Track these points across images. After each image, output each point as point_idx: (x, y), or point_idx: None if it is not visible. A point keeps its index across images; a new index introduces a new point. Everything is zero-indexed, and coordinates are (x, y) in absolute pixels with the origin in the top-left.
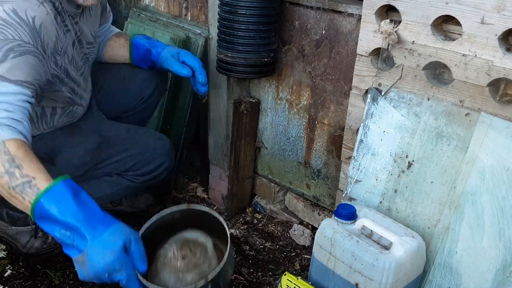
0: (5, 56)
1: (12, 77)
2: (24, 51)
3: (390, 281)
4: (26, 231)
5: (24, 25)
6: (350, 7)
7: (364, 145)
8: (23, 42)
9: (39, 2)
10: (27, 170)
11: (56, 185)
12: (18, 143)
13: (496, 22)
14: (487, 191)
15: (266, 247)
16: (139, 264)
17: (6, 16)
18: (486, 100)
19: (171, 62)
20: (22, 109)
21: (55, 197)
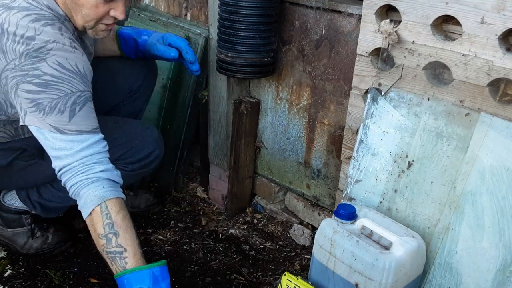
0: (72, 111)
1: (87, 128)
2: (85, 100)
3: (390, 281)
4: (23, 232)
5: (74, 75)
6: (350, 7)
7: (364, 145)
8: (81, 92)
9: (72, 47)
10: (122, 239)
11: (142, 271)
12: (118, 205)
13: (496, 22)
14: (487, 191)
15: (266, 247)
16: None
17: (56, 73)
18: (486, 100)
19: (157, 46)
20: (107, 154)
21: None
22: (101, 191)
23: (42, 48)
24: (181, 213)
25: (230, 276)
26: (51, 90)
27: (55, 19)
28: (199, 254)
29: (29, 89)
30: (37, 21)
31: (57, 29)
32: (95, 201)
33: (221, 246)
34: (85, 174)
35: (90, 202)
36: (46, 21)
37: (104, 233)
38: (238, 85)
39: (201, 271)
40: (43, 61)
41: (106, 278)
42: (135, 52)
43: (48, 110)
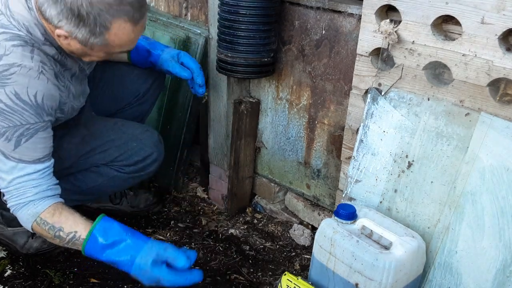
0: (18, 142)
1: (30, 158)
2: (34, 132)
3: (390, 281)
4: (23, 231)
5: (28, 107)
6: (350, 7)
7: (364, 145)
8: (31, 124)
9: (39, 72)
10: (68, 228)
11: (91, 236)
12: (51, 210)
13: (496, 22)
14: (487, 191)
15: (266, 247)
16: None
17: (10, 102)
18: (486, 100)
19: (172, 64)
20: (46, 177)
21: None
22: (33, 209)
23: (5, 72)
24: (181, 213)
25: (230, 276)
26: (2, 119)
27: (29, 42)
28: (199, 254)
29: None
30: (10, 40)
31: (28, 51)
32: (31, 219)
33: (221, 246)
34: (19, 199)
35: (27, 221)
36: (19, 41)
37: (52, 235)
38: (238, 85)
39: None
40: (1, 87)
41: (106, 278)
42: (145, 62)
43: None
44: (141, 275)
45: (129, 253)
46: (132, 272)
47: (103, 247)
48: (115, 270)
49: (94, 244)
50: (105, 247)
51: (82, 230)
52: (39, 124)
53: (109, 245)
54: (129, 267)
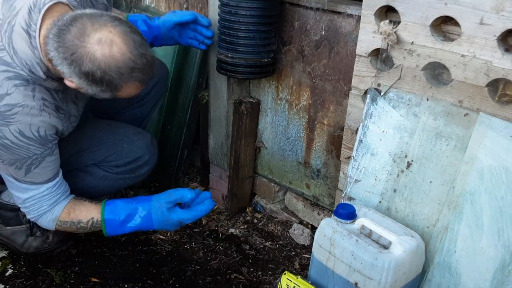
0: (28, 170)
1: (41, 180)
2: (41, 159)
3: (389, 280)
4: (21, 230)
5: (33, 142)
6: (349, 7)
7: (364, 145)
8: (38, 155)
9: (40, 110)
10: (85, 218)
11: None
12: (66, 211)
13: (495, 23)
14: (486, 191)
15: (266, 246)
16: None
17: (15, 140)
18: (485, 100)
19: (173, 15)
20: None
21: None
22: (51, 216)
23: (8, 112)
24: None
25: (230, 275)
26: (10, 153)
27: (31, 81)
28: (199, 253)
29: None
30: (12, 79)
31: (30, 90)
32: (51, 223)
33: (221, 245)
34: (36, 212)
35: (49, 225)
36: (21, 81)
37: (75, 228)
38: (238, 85)
39: (201, 271)
40: (6, 126)
41: (107, 278)
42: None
43: (7, 163)
44: (165, 225)
45: (144, 216)
46: (155, 227)
47: (120, 224)
48: (116, 270)
49: (112, 225)
50: (122, 223)
51: (97, 214)
52: (45, 152)
53: (125, 220)
54: (151, 226)
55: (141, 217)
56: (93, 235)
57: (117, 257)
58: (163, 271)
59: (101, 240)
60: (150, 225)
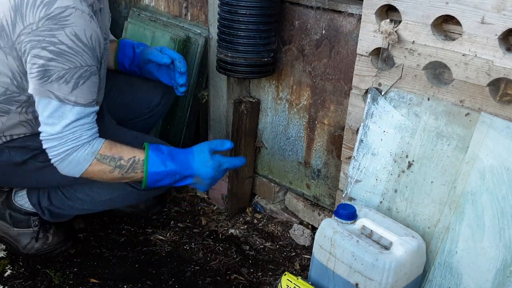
0: (76, 84)
1: (84, 101)
2: (89, 75)
3: (390, 281)
4: (28, 232)
5: (87, 49)
6: (350, 7)
7: (364, 145)
8: (89, 67)
9: (90, 16)
10: (127, 155)
11: (149, 154)
12: (107, 146)
13: (496, 22)
14: (487, 191)
15: (266, 247)
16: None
17: (71, 44)
18: (486, 100)
19: (152, 52)
20: (95, 121)
21: (153, 162)
22: (91, 149)
23: (62, 14)
24: (181, 213)
25: (230, 276)
26: (63, 61)
27: None
28: (199, 254)
29: (42, 55)
30: None
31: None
32: (90, 157)
33: (221, 246)
34: (75, 142)
35: (84, 161)
36: None
37: (113, 166)
38: (238, 85)
39: (201, 271)
40: (61, 29)
41: (106, 278)
42: (130, 63)
43: (55, 78)
44: (205, 166)
45: (186, 155)
46: (195, 167)
47: (162, 159)
48: (115, 270)
49: (154, 161)
50: (164, 159)
51: (140, 154)
52: (94, 67)
53: (167, 156)
54: (191, 166)
55: (183, 156)
56: (93, 235)
57: (116, 258)
58: (162, 271)
59: (100, 240)
60: (190, 166)
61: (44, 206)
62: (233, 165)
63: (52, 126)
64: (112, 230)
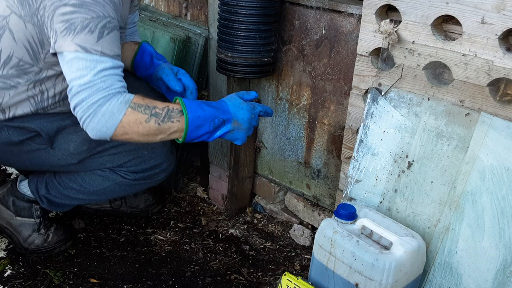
0: (101, 33)
1: (111, 53)
2: (113, 27)
3: (390, 281)
4: (29, 223)
5: (109, 1)
6: (350, 7)
7: (364, 145)
8: (112, 18)
9: None
10: (161, 104)
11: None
12: (139, 96)
13: (496, 22)
14: (487, 191)
15: (266, 247)
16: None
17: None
18: (486, 100)
19: (168, 72)
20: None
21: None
22: (124, 98)
23: None
24: (181, 213)
25: (230, 276)
26: (85, 11)
27: None
28: (199, 254)
29: (65, 11)
30: None
31: None
32: (123, 106)
33: (221, 246)
34: (107, 90)
35: (118, 110)
36: None
37: (148, 114)
38: (238, 85)
39: (201, 271)
40: None
41: (106, 278)
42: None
43: (79, 29)
44: (240, 108)
45: (219, 102)
46: (232, 111)
47: (199, 104)
48: (115, 270)
49: (191, 106)
50: (200, 104)
51: (172, 105)
52: (116, 21)
53: (201, 103)
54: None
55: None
56: (93, 236)
57: (117, 258)
58: (162, 271)
59: (101, 240)
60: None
61: (41, 194)
62: (265, 109)
63: (81, 78)
64: (112, 230)
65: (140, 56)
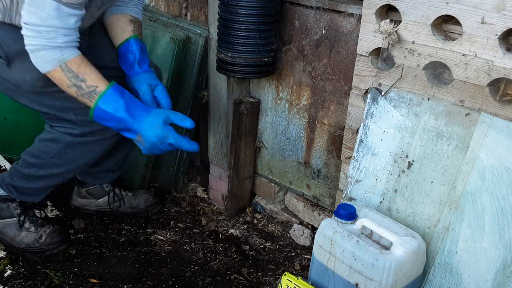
0: None
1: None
2: None
3: (390, 281)
4: (12, 223)
5: None
6: (350, 7)
7: (364, 145)
8: None
9: None
10: (90, 81)
11: (108, 91)
12: (78, 61)
13: (496, 22)
14: (487, 191)
15: (266, 247)
16: (183, 124)
17: None
18: (486, 100)
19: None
20: (76, 29)
21: (109, 99)
22: (60, 55)
23: None
24: (181, 213)
25: (230, 276)
26: None
27: None
28: (199, 254)
29: None
30: None
31: None
32: (55, 63)
33: (221, 246)
34: (48, 41)
35: (49, 64)
36: None
37: (72, 83)
38: (238, 85)
39: (201, 271)
40: None
41: (106, 279)
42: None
43: None
44: (151, 130)
45: (141, 112)
46: (142, 127)
47: (117, 103)
48: (115, 270)
49: (109, 100)
50: (119, 104)
51: (103, 86)
52: None
53: (123, 103)
54: (139, 123)
55: (138, 110)
56: (93, 236)
57: (117, 258)
58: (162, 271)
59: (101, 241)
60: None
61: (7, 183)
62: (179, 145)
63: (29, 15)
64: (112, 230)
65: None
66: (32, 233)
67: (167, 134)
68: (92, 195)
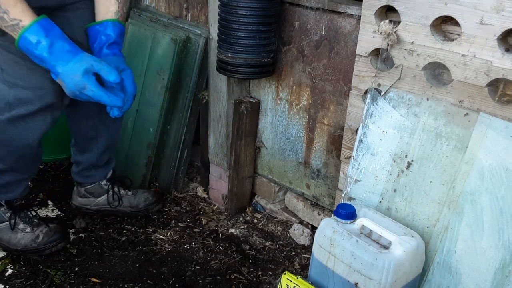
0: None
1: None
2: None
3: (390, 281)
4: (6, 227)
5: None
6: (349, 7)
7: (364, 145)
8: None
9: None
10: (14, 14)
11: (32, 25)
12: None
13: (495, 23)
14: (486, 191)
15: (266, 246)
16: (107, 77)
17: None
18: (485, 100)
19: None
20: None
21: (31, 35)
22: None
23: None
24: (182, 212)
25: (230, 275)
26: None
27: None
28: (199, 253)
29: None
30: None
31: None
32: None
33: (221, 245)
34: None
35: None
36: None
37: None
38: (238, 85)
39: (201, 271)
40: None
41: (107, 278)
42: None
43: None
44: (70, 78)
45: (64, 55)
46: (62, 72)
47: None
48: (116, 270)
49: (31, 37)
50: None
51: (28, 20)
52: None
53: (48, 41)
54: (61, 67)
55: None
56: (93, 235)
57: (117, 257)
58: (163, 271)
59: (101, 240)
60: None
61: None
62: (97, 98)
63: None
64: (113, 229)
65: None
66: (28, 234)
67: (85, 86)
68: (92, 194)
